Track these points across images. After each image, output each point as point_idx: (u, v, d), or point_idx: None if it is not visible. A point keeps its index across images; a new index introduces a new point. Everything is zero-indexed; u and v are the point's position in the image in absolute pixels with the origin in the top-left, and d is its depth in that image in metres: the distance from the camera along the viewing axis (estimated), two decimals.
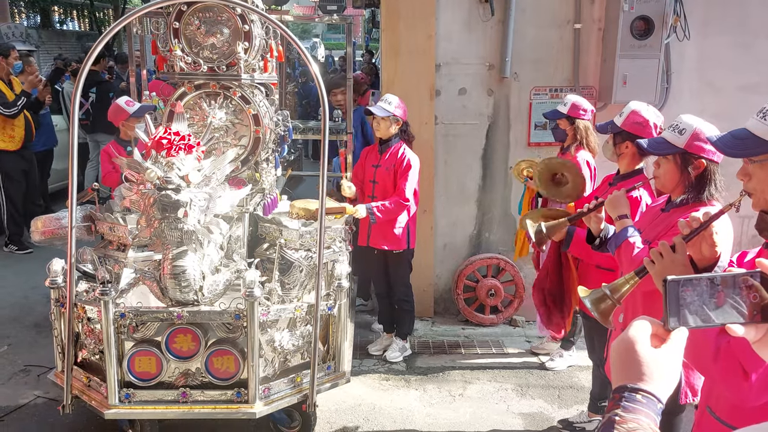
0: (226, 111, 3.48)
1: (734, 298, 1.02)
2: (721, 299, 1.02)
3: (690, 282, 1.02)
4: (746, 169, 1.64)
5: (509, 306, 5.05)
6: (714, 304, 1.02)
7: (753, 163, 1.60)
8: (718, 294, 1.02)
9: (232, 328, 2.97)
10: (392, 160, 4.17)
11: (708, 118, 2.40)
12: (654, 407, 0.93)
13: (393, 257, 4.32)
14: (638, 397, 0.93)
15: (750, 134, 1.57)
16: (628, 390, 0.94)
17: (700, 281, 1.02)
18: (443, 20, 4.72)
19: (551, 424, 3.76)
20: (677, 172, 2.41)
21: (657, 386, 0.95)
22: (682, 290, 1.02)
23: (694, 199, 2.39)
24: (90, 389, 3.07)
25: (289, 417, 3.41)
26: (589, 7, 4.71)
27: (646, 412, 0.92)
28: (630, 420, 0.91)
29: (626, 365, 0.98)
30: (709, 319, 1.02)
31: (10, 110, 6.15)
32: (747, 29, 4.72)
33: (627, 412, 0.92)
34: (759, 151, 1.56)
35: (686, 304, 1.01)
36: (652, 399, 0.93)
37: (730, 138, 1.65)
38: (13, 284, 5.74)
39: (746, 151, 1.59)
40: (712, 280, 1.02)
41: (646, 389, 0.94)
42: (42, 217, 3.65)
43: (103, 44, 2.86)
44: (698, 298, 1.02)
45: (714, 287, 1.02)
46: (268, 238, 3.65)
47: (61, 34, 16.52)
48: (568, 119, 3.91)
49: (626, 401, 0.93)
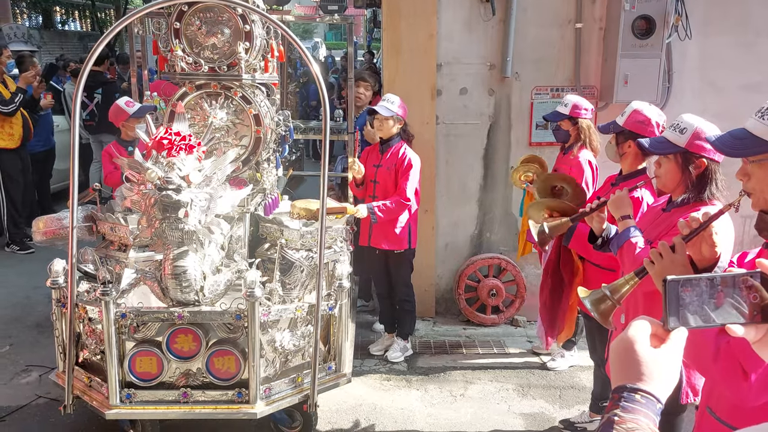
0: (227, 111, 3.48)
1: (734, 298, 1.02)
2: (721, 299, 1.02)
3: (690, 282, 1.01)
4: (745, 169, 1.63)
5: (510, 306, 5.05)
6: (714, 304, 1.02)
7: (752, 163, 1.60)
8: (718, 294, 1.02)
9: (233, 328, 2.97)
10: (393, 159, 4.17)
11: (710, 117, 2.40)
12: (653, 407, 0.92)
13: (394, 257, 4.32)
14: (637, 397, 0.93)
15: (749, 134, 1.57)
16: (627, 390, 0.94)
17: (700, 281, 1.02)
18: (444, 19, 4.72)
19: (552, 425, 3.75)
20: (678, 171, 2.41)
21: (656, 386, 0.94)
22: (682, 290, 1.01)
23: (695, 199, 2.39)
24: (91, 389, 3.07)
25: (290, 417, 3.41)
26: (590, 6, 4.70)
27: (645, 413, 0.92)
28: (629, 420, 0.90)
29: (625, 365, 0.98)
30: (709, 319, 1.02)
31: (8, 107, 6.15)
32: (749, 28, 4.71)
33: (626, 412, 0.92)
34: (758, 151, 1.55)
35: (686, 304, 1.01)
36: (651, 399, 0.93)
37: (729, 138, 1.65)
38: (15, 284, 5.75)
39: (745, 151, 1.59)
40: (711, 280, 1.02)
41: (646, 389, 0.94)
42: (43, 218, 3.66)
43: (104, 44, 2.86)
44: (698, 298, 1.01)
45: (714, 287, 1.02)
46: (269, 238, 3.65)
47: (63, 34, 16.55)
48: (571, 119, 3.90)
49: (625, 401, 0.93)
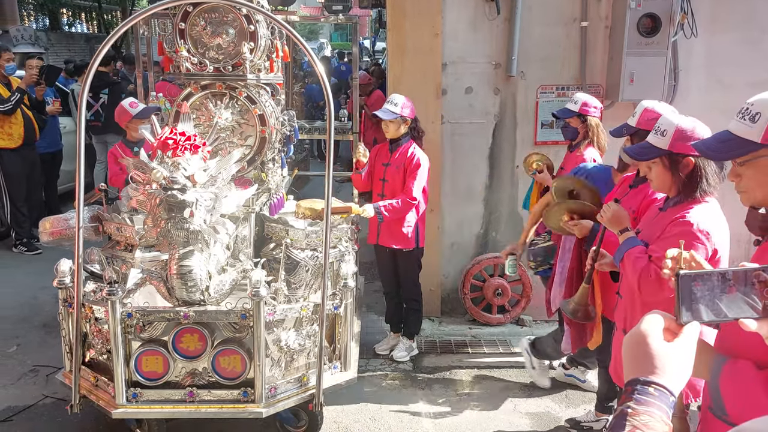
0: (232, 111, 3.49)
1: (746, 293, 1.03)
2: (733, 294, 1.02)
3: (701, 276, 1.02)
4: (735, 170, 1.63)
5: (516, 305, 5.04)
6: (726, 299, 1.03)
7: (740, 165, 1.60)
8: (730, 288, 1.02)
9: (239, 327, 2.98)
10: (402, 158, 4.17)
11: (717, 115, 2.39)
12: (666, 400, 0.93)
13: (402, 256, 4.32)
14: (651, 390, 0.94)
15: (733, 136, 1.56)
16: (641, 383, 0.95)
17: (711, 276, 1.03)
18: (449, 19, 4.71)
19: (558, 424, 3.74)
20: (668, 173, 2.40)
21: (669, 379, 0.95)
22: (693, 285, 1.02)
23: (687, 197, 2.37)
24: (98, 389, 3.08)
25: (295, 416, 3.41)
26: (595, 4, 4.68)
27: (659, 405, 0.92)
28: (642, 412, 0.91)
29: (638, 359, 0.98)
30: (722, 313, 1.02)
31: (3, 106, 6.18)
32: (755, 25, 4.68)
33: (639, 404, 0.92)
34: (744, 152, 1.55)
35: (698, 299, 1.02)
36: (664, 392, 0.94)
37: (714, 142, 1.65)
38: (23, 285, 5.78)
39: (731, 153, 1.58)
40: (723, 275, 1.03)
41: (659, 382, 0.94)
42: (50, 218, 3.68)
43: (110, 45, 2.87)
44: (709, 292, 1.02)
45: (725, 282, 1.03)
46: (275, 237, 3.66)
47: (70, 36, 16.60)
48: (580, 117, 3.89)
49: (638, 394, 0.94)
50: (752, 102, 1.56)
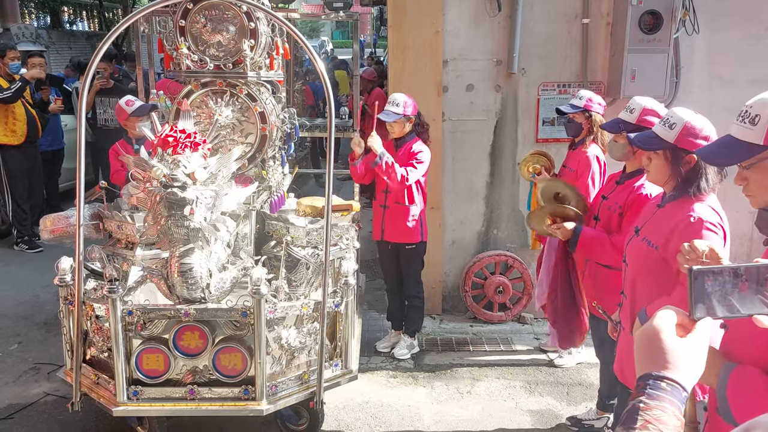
0: (233, 109, 3.48)
1: (759, 289, 1.03)
2: (746, 290, 1.03)
3: (713, 272, 1.03)
4: (742, 174, 1.61)
5: (517, 303, 5.03)
6: (738, 295, 1.03)
7: (745, 168, 1.58)
8: (742, 285, 1.03)
9: (240, 325, 2.97)
10: (406, 155, 4.16)
11: (719, 111, 2.37)
12: (679, 395, 0.93)
13: (406, 252, 4.32)
14: (663, 385, 0.94)
15: (735, 140, 1.55)
16: (653, 378, 0.95)
17: (723, 272, 1.03)
18: (450, 16, 4.70)
19: (560, 422, 3.74)
20: (668, 167, 2.37)
21: (682, 375, 0.95)
22: (706, 280, 1.02)
23: (684, 194, 2.35)
24: (98, 386, 3.08)
25: (296, 414, 3.42)
26: (597, 1, 4.67)
27: (671, 400, 0.92)
28: (654, 407, 0.91)
29: (651, 354, 0.98)
30: (735, 309, 1.03)
31: (3, 93, 6.18)
32: (757, 22, 4.67)
33: (651, 399, 0.92)
34: (747, 155, 1.53)
35: (709, 294, 1.02)
36: (676, 387, 0.94)
37: (716, 147, 1.63)
38: (24, 283, 5.79)
39: (736, 158, 1.57)
40: (735, 271, 1.03)
41: (671, 377, 0.95)
42: (51, 216, 3.68)
43: (110, 42, 2.87)
44: (720, 288, 1.03)
45: (738, 277, 1.03)
46: (275, 235, 3.66)
47: (71, 34, 16.57)
48: (584, 113, 3.88)
49: (651, 389, 0.94)
50: (751, 104, 1.55)
